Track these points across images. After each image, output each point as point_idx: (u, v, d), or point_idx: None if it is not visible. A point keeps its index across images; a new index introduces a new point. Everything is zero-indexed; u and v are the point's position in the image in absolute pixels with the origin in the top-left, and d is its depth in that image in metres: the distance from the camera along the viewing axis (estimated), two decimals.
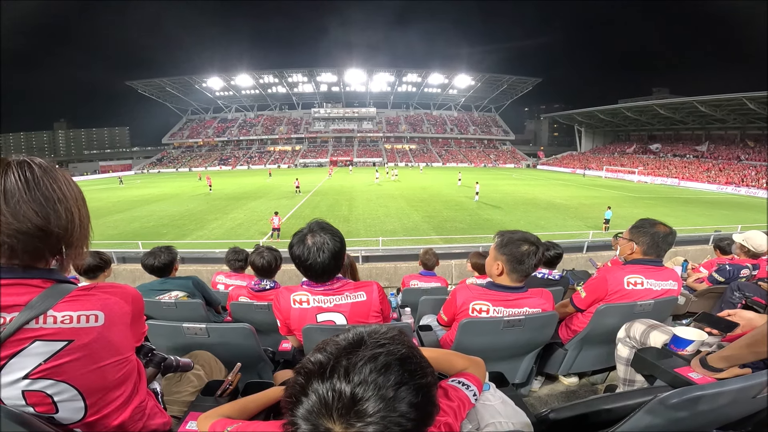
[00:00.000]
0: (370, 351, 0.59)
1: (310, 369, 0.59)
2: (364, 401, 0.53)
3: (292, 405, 0.57)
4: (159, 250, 2.76)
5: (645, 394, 1.21)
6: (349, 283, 1.67)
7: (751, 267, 3.13)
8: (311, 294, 1.63)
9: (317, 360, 0.60)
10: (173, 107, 76.85)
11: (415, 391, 0.57)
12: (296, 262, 1.56)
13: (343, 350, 0.60)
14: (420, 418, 0.57)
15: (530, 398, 2.24)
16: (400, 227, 14.93)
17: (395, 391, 0.55)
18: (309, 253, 1.50)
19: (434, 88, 75.63)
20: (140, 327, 1.00)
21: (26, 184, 0.78)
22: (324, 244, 1.50)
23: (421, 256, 4.08)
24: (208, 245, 11.74)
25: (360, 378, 0.55)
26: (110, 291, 0.91)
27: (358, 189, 27.92)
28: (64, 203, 0.83)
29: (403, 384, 0.56)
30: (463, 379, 1.01)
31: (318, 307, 1.62)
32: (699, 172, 40.07)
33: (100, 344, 0.86)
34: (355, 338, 0.63)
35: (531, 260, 1.72)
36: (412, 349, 0.63)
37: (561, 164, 60.22)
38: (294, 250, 1.53)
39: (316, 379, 0.57)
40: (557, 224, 15.65)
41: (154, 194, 27.26)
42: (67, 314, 0.82)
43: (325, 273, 1.57)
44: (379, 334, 0.64)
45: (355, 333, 0.64)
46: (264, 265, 2.64)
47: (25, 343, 0.78)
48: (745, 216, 18.42)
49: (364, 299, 1.66)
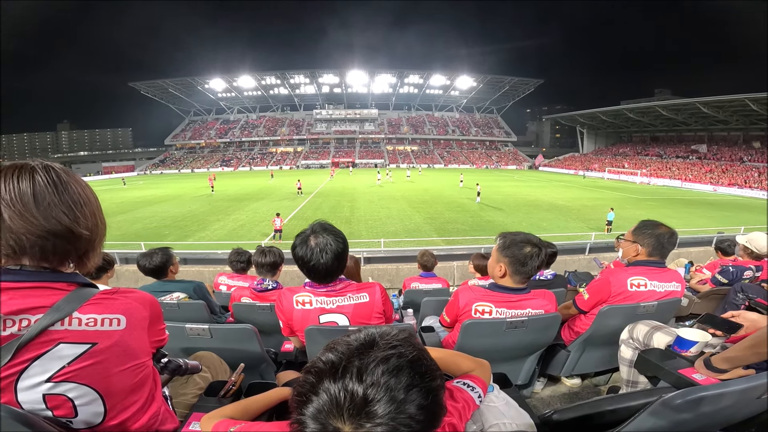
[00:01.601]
0: (382, 352, 0.59)
1: (321, 368, 0.59)
2: (375, 402, 0.53)
3: (301, 403, 0.57)
4: (153, 252, 2.77)
5: (648, 395, 1.21)
6: (352, 284, 1.67)
7: (755, 268, 3.11)
8: (314, 295, 1.62)
9: (329, 359, 0.60)
10: (176, 108, 77.15)
11: (424, 393, 0.57)
12: (299, 263, 1.55)
13: (355, 351, 0.60)
14: (428, 420, 0.57)
15: (533, 399, 2.24)
16: (401, 228, 14.93)
17: (406, 393, 0.55)
18: (312, 254, 1.50)
19: (436, 90, 75.65)
20: (156, 334, 1.00)
21: (55, 187, 0.79)
22: (327, 245, 1.50)
23: (418, 258, 4.06)
24: (211, 246, 11.77)
25: (372, 379, 0.55)
26: (131, 296, 0.92)
27: (360, 190, 27.93)
28: (89, 206, 0.85)
29: (414, 386, 0.56)
30: (469, 380, 1.01)
31: (321, 308, 1.62)
32: (701, 174, 39.93)
33: (121, 348, 0.87)
34: (367, 339, 0.63)
35: (534, 262, 1.72)
36: (422, 351, 0.63)
37: (563, 165, 60.12)
38: (297, 251, 1.52)
39: (327, 379, 0.57)
40: (559, 226, 15.61)
41: (157, 195, 27.33)
42: (92, 317, 0.83)
43: (328, 274, 1.57)
44: (390, 336, 0.64)
45: (366, 334, 0.64)
46: (266, 263, 2.66)
47: (48, 345, 0.78)
48: (748, 218, 18.35)
49: (367, 300, 1.66)
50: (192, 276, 6.24)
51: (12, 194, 0.75)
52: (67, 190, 0.81)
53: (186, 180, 42.83)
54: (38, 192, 0.77)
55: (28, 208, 0.76)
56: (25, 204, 0.76)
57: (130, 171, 66.11)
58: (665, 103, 46.73)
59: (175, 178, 49.59)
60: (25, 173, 0.78)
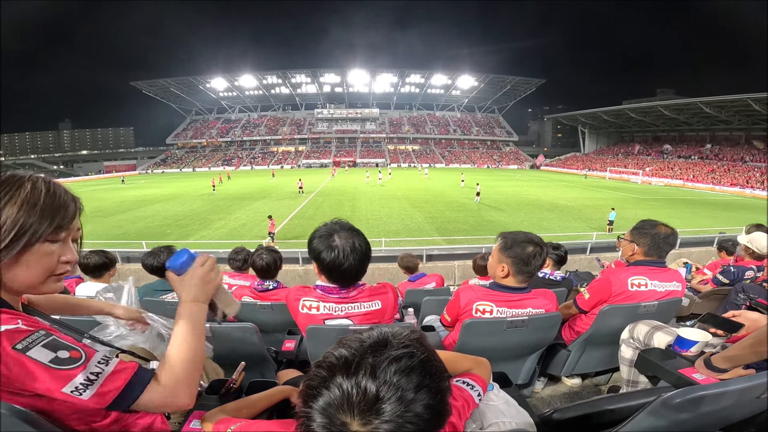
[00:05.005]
0: (395, 351, 0.59)
1: (333, 363, 0.59)
2: (386, 400, 0.54)
3: (311, 397, 0.57)
4: (159, 250, 2.75)
5: (648, 394, 1.21)
6: (365, 290, 1.57)
7: (756, 269, 3.10)
8: (322, 301, 1.56)
9: (342, 355, 0.60)
10: (177, 107, 77.26)
11: (433, 393, 0.58)
12: (326, 268, 1.45)
13: (369, 348, 0.60)
14: (434, 419, 0.57)
15: (533, 399, 2.24)
16: (402, 228, 14.93)
17: (415, 392, 0.56)
18: (342, 255, 1.40)
19: (437, 89, 75.59)
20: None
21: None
22: (355, 246, 1.42)
23: (399, 263, 3.94)
24: (212, 245, 11.79)
25: (385, 377, 0.56)
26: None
27: (361, 190, 27.93)
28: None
29: (423, 386, 0.57)
30: (468, 379, 1.01)
31: (327, 314, 1.57)
32: (704, 174, 39.81)
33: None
34: (380, 338, 0.63)
35: (537, 261, 1.72)
36: (432, 353, 0.64)
37: (564, 165, 60.00)
38: (323, 256, 1.41)
39: (340, 374, 0.57)
40: (561, 225, 15.60)
41: (158, 194, 27.39)
42: None
43: (356, 277, 1.50)
44: (403, 336, 0.64)
45: (379, 332, 0.65)
46: (263, 266, 2.65)
47: None
48: (750, 218, 18.21)
49: (378, 308, 1.59)
50: None
51: None
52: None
53: (187, 179, 42.91)
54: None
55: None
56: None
57: (131, 170, 66.31)
58: (667, 103, 46.62)
59: (176, 177, 49.68)
60: None
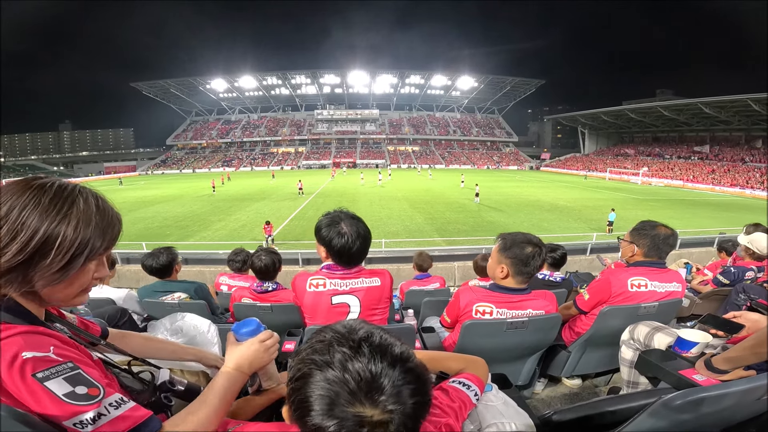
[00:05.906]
0: (358, 334, 0.62)
1: (311, 369, 0.59)
2: (381, 375, 0.57)
3: (306, 411, 0.58)
4: (158, 251, 2.75)
5: (649, 396, 1.20)
6: (364, 269, 1.77)
7: (756, 269, 3.10)
8: (328, 278, 1.71)
9: (313, 359, 0.60)
10: (177, 109, 77.34)
11: (407, 354, 0.62)
12: (336, 252, 1.64)
13: (333, 342, 0.62)
14: (424, 373, 0.62)
15: (533, 400, 2.24)
16: (402, 229, 14.93)
17: (395, 359, 0.59)
18: (349, 239, 1.60)
19: (437, 90, 75.66)
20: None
21: None
22: (359, 230, 1.63)
23: (415, 259, 4.01)
24: (212, 246, 11.78)
25: (364, 355, 0.58)
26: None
27: (361, 191, 27.94)
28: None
29: (399, 355, 0.60)
30: (464, 379, 1.01)
31: (334, 290, 1.71)
32: (704, 174, 39.81)
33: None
34: (342, 330, 0.65)
35: (536, 261, 1.72)
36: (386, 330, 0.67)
37: (564, 166, 60.01)
38: (334, 242, 1.61)
39: (323, 372, 0.58)
40: (560, 226, 15.59)
41: (158, 195, 27.40)
42: None
43: (360, 257, 1.68)
44: (359, 324, 0.67)
45: (341, 326, 0.66)
46: (262, 268, 2.64)
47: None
48: (750, 218, 18.10)
49: (378, 284, 1.75)
50: (193, 276, 6.25)
51: None
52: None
53: (187, 180, 42.92)
54: None
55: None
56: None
57: (131, 171, 66.35)
58: (667, 104, 46.67)
59: (176, 178, 49.71)
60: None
